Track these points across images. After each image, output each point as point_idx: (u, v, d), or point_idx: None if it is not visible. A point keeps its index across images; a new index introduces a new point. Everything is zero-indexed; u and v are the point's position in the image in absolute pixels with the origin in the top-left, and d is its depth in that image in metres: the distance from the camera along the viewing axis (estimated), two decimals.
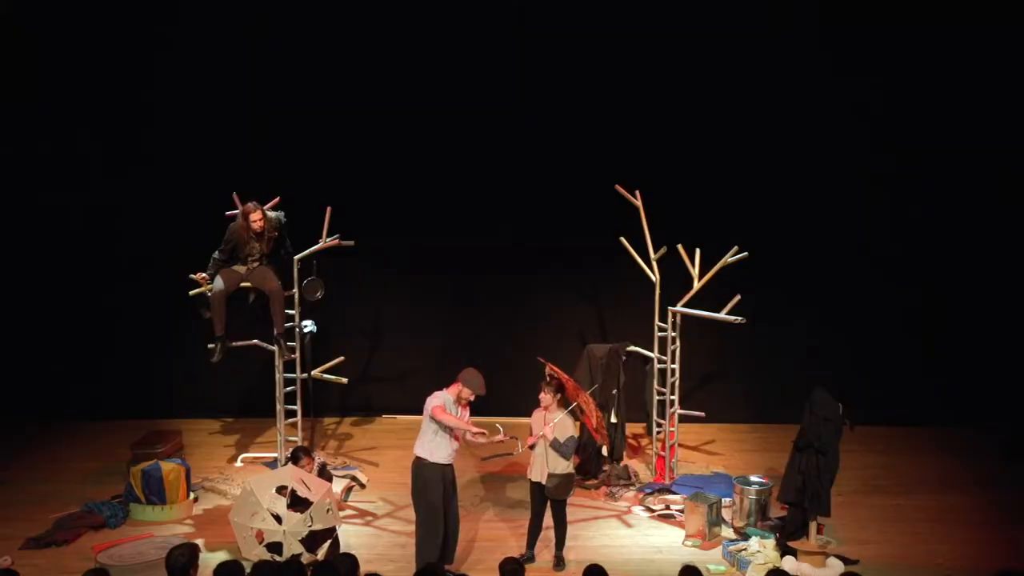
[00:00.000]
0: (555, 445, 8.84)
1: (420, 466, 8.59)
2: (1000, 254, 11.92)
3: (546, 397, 8.96)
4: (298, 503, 8.80)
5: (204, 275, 10.16)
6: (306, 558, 8.49)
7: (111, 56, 11.82)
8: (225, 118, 11.89)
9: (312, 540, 8.69)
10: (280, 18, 11.78)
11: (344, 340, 12.03)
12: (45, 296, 12.21)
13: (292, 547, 8.56)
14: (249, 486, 8.89)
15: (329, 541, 8.80)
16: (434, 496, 8.56)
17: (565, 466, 8.93)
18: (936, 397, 12.02)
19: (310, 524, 8.63)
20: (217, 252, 10.17)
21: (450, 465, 8.67)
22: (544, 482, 8.90)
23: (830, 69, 11.72)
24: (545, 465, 8.87)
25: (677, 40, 11.65)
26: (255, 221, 10.05)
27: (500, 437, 8.85)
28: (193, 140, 11.95)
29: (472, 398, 8.65)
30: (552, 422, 8.87)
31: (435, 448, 8.55)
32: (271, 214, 10.21)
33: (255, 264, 10.29)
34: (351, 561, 6.88)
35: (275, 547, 8.58)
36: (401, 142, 11.99)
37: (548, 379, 9.06)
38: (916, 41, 11.59)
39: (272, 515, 8.66)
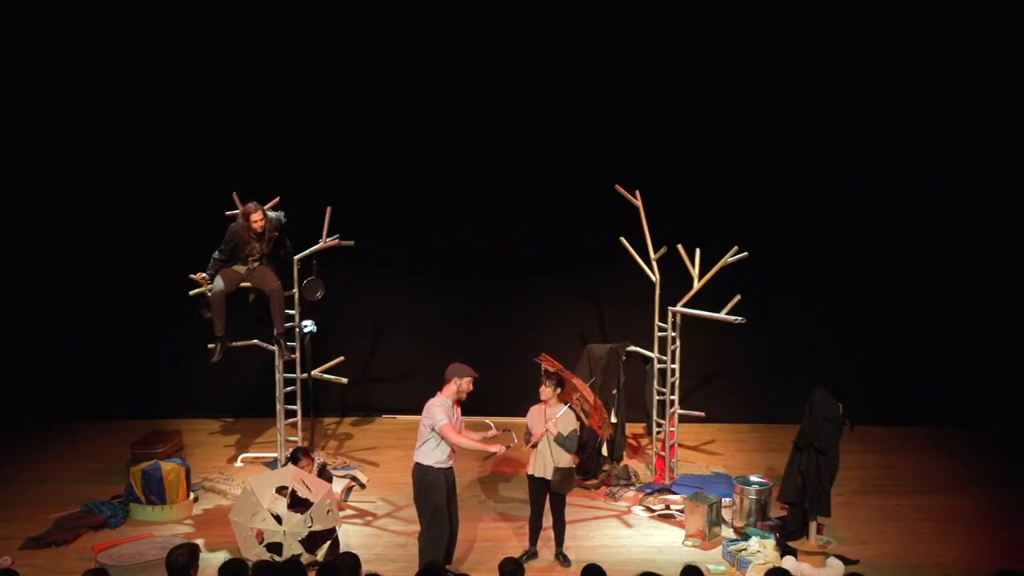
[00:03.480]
0: (559, 440, 8.86)
1: (423, 471, 8.56)
2: (999, 254, 11.92)
3: (546, 391, 8.95)
4: (298, 503, 8.80)
5: (204, 275, 10.15)
6: (305, 559, 8.49)
7: (111, 56, 11.82)
8: (225, 118, 11.89)
9: (312, 541, 8.69)
10: (280, 18, 11.78)
11: (344, 340, 12.03)
12: (45, 296, 12.22)
13: (292, 547, 8.56)
14: (250, 486, 8.89)
15: (329, 542, 8.80)
16: (439, 499, 8.55)
17: (568, 460, 8.97)
18: (936, 397, 12.03)
19: (310, 525, 8.63)
20: (217, 252, 10.17)
21: (451, 467, 8.67)
22: (549, 477, 8.90)
23: (830, 70, 11.73)
24: (550, 459, 8.88)
25: (677, 40, 11.67)
26: (256, 222, 10.05)
27: (493, 432, 8.81)
28: (193, 140, 11.95)
29: (471, 387, 8.60)
30: (554, 417, 8.89)
31: (438, 454, 8.53)
32: (271, 214, 10.21)
33: (255, 264, 10.28)
34: (353, 560, 6.89)
35: (275, 547, 8.58)
36: (401, 143, 12.00)
37: (547, 373, 9.06)
38: (916, 43, 11.60)
39: (272, 515, 8.65)
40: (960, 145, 11.72)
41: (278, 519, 8.65)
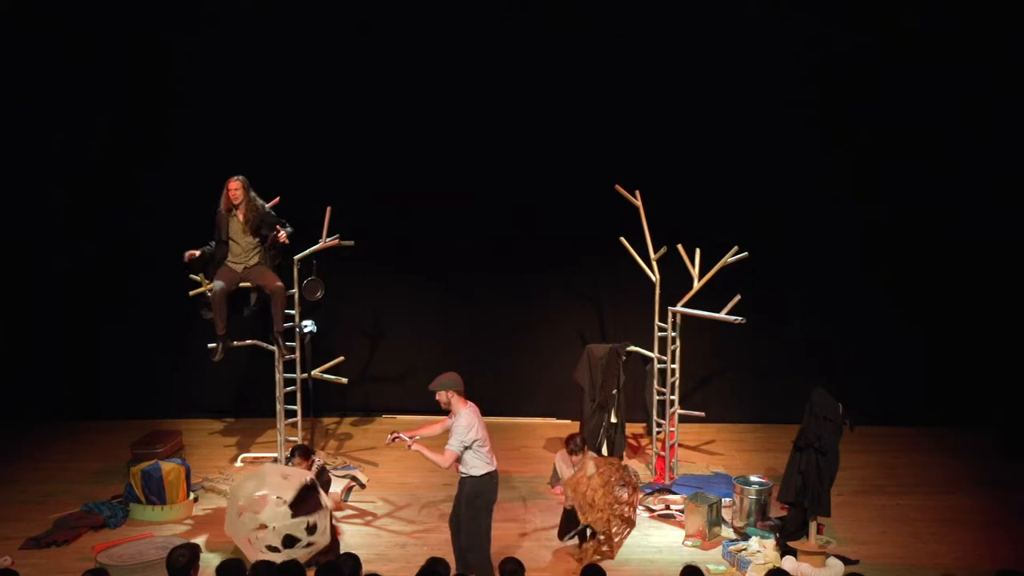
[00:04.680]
0: None
1: None
2: (999, 255, 11.91)
3: (576, 458, 9.28)
4: (299, 503, 8.77)
5: (193, 252, 10.05)
6: (305, 551, 8.47)
7: (110, 57, 11.82)
8: (225, 118, 11.88)
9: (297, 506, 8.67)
10: (280, 18, 11.77)
11: (344, 340, 12.03)
12: (45, 296, 12.21)
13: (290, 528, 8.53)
14: (231, 492, 8.89)
15: (328, 523, 8.76)
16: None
17: None
18: (936, 397, 12.03)
19: (281, 504, 8.59)
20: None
21: (460, 479, 8.57)
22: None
23: (830, 70, 11.72)
24: None
25: (677, 40, 11.66)
26: (232, 190, 9.99)
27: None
28: (193, 140, 11.94)
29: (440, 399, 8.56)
30: (587, 473, 9.12)
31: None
32: (258, 200, 10.16)
33: (252, 261, 10.23)
34: (355, 561, 6.89)
35: (273, 546, 8.56)
36: (401, 142, 12.00)
37: (572, 448, 9.32)
38: (916, 42, 11.59)
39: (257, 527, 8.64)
40: (960, 145, 11.72)
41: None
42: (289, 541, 8.50)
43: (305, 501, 8.67)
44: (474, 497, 8.43)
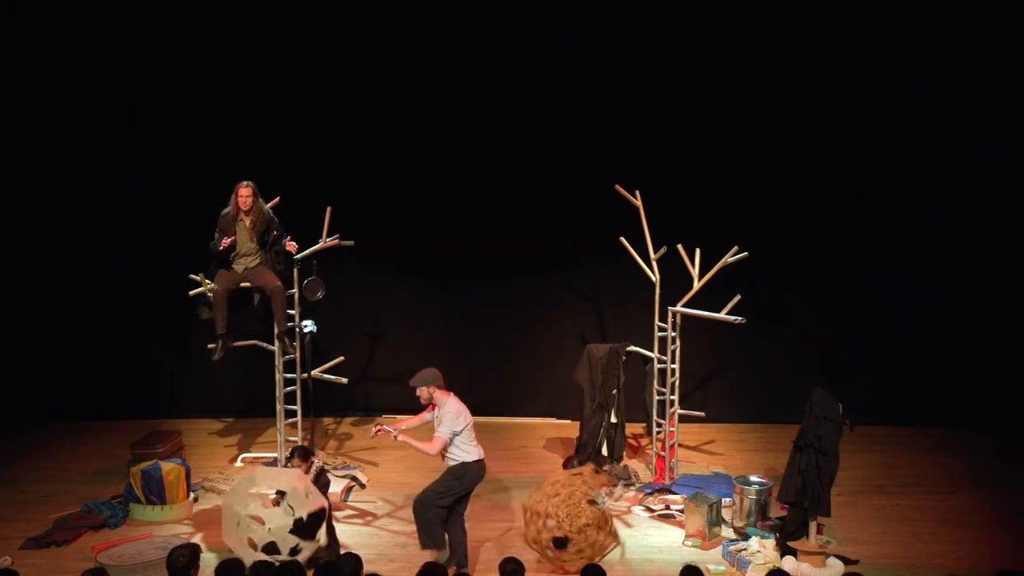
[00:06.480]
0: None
1: None
2: (1000, 255, 11.91)
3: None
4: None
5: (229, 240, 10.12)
6: (308, 549, 8.44)
7: (110, 56, 11.83)
8: (225, 118, 11.89)
9: (305, 528, 8.62)
10: (280, 17, 11.77)
11: (344, 340, 12.03)
12: (45, 296, 12.22)
13: (287, 541, 8.48)
14: (224, 501, 8.87)
15: (325, 524, 8.73)
16: None
17: None
18: (936, 397, 12.04)
19: (291, 514, 8.57)
20: (211, 244, 10.20)
21: (450, 467, 8.70)
22: None
23: (831, 70, 11.72)
24: None
25: (678, 40, 11.67)
26: (243, 196, 10.03)
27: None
28: (193, 140, 11.95)
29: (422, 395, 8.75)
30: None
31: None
32: (264, 206, 10.18)
33: (253, 263, 10.25)
34: (355, 561, 6.89)
35: (271, 548, 8.53)
36: (401, 142, 12.00)
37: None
38: (917, 41, 11.59)
39: (254, 519, 8.62)
40: (960, 145, 11.72)
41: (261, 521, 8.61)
42: (271, 548, 8.48)
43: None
44: (455, 478, 8.57)
